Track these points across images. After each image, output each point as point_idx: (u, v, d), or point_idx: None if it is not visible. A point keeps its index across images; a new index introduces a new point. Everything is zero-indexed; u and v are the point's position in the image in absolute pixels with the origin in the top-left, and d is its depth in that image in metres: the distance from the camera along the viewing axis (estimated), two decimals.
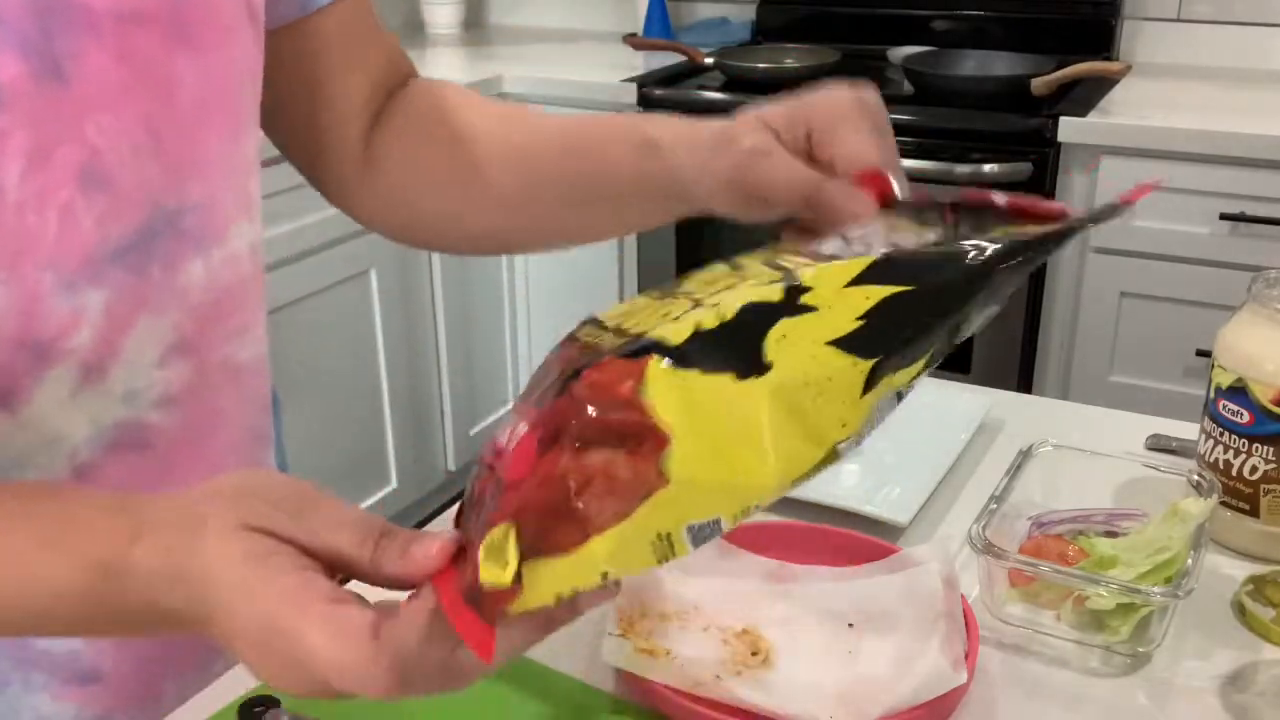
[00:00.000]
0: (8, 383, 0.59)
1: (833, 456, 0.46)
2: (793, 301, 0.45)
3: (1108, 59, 2.48)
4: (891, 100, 2.30)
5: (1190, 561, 0.77)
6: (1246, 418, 0.85)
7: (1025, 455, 0.90)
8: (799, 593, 0.80)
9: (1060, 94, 2.21)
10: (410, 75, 0.83)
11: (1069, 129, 2.06)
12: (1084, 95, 2.21)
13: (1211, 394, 0.88)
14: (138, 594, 0.50)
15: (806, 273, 0.47)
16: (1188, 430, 1.01)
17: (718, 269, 0.53)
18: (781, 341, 0.44)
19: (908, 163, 2.16)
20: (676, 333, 0.44)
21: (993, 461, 1.00)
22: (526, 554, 0.42)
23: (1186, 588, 0.74)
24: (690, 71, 2.53)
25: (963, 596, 0.77)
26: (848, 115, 0.64)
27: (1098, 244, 2.11)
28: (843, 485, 0.97)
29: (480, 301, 2.62)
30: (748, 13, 2.88)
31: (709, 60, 2.54)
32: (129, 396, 0.64)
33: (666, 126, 0.70)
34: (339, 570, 0.48)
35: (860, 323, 0.45)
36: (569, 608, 0.46)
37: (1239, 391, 0.85)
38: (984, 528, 0.80)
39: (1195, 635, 0.79)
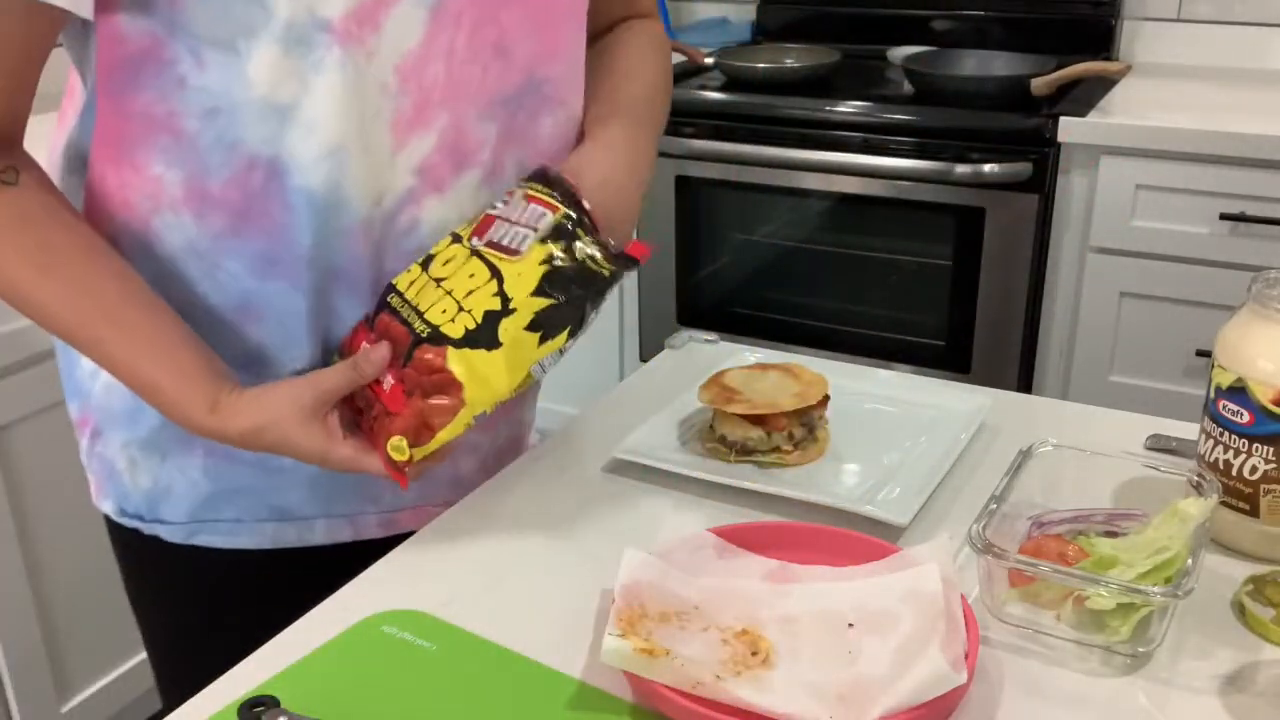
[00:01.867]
0: (441, 175, 0.91)
1: (527, 381, 0.87)
2: (506, 307, 0.85)
3: (1108, 59, 2.48)
4: (891, 100, 2.32)
5: (1190, 561, 0.77)
6: (1246, 418, 0.85)
7: (1025, 455, 0.90)
8: (799, 593, 0.80)
9: (1060, 94, 2.21)
10: (644, 14, 1.13)
11: (1069, 129, 2.06)
12: (1084, 95, 2.21)
13: (1211, 394, 0.88)
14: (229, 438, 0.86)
15: (508, 271, 0.86)
16: (1188, 430, 1.01)
17: (448, 246, 0.90)
18: (505, 330, 0.84)
19: (908, 163, 2.18)
20: (456, 330, 0.85)
21: (993, 461, 1.00)
22: (412, 444, 0.86)
23: (1186, 588, 0.74)
24: (690, 71, 2.53)
25: (963, 596, 0.77)
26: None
27: (1098, 244, 2.11)
28: (843, 485, 0.97)
29: None
30: (748, 13, 2.88)
31: (709, 60, 2.54)
32: None
33: (592, 151, 1.00)
34: (347, 391, 0.87)
35: (535, 315, 0.85)
36: (436, 456, 0.88)
37: (1239, 391, 0.85)
38: (984, 528, 0.80)
39: (1195, 635, 0.79)
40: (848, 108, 2.26)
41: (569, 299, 0.85)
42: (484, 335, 0.84)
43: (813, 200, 2.34)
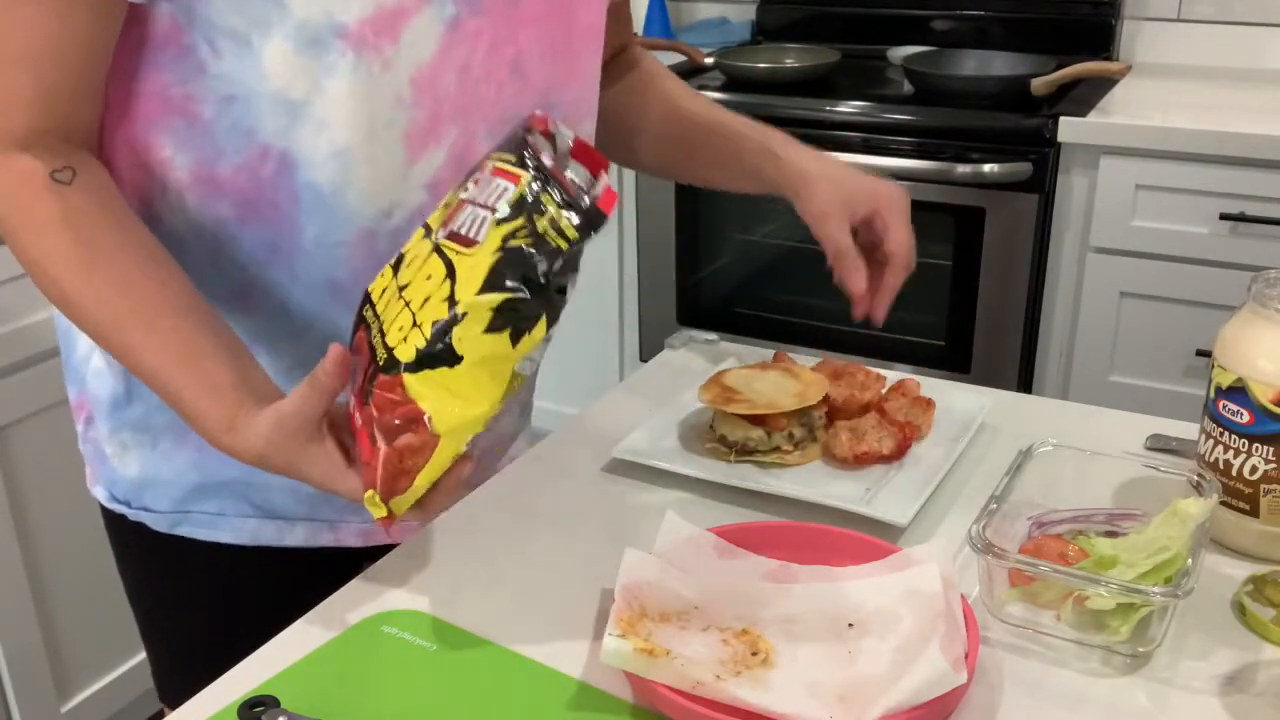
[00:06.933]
0: (448, 190, 0.86)
1: (516, 382, 0.75)
2: (453, 313, 0.73)
3: (1108, 59, 2.48)
4: (891, 100, 2.32)
5: (1190, 561, 0.77)
6: (1246, 418, 0.85)
7: (1025, 455, 0.90)
8: (799, 593, 0.80)
9: (1060, 94, 2.21)
10: (629, 42, 1.18)
11: (1069, 129, 2.06)
12: (1084, 95, 2.21)
13: (1211, 394, 0.88)
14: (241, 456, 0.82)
15: (462, 267, 0.74)
16: (1188, 430, 1.01)
17: (418, 242, 0.80)
18: (461, 341, 0.73)
19: (908, 163, 2.18)
20: (408, 353, 0.74)
21: (993, 461, 1.00)
22: (385, 498, 0.77)
23: (1186, 588, 0.74)
24: (690, 71, 2.53)
25: (963, 596, 0.77)
26: (896, 221, 1.06)
27: (1098, 244, 2.11)
28: (843, 485, 0.97)
29: None
30: (748, 13, 2.88)
31: (709, 60, 2.54)
32: None
33: (781, 144, 1.12)
34: (317, 408, 0.80)
35: (492, 315, 0.72)
36: (437, 494, 0.79)
37: (1239, 391, 0.85)
38: (984, 528, 0.80)
39: (1195, 635, 0.79)
40: (848, 108, 2.26)
41: (531, 285, 0.72)
42: (439, 352, 0.73)
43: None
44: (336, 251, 0.89)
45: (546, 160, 0.76)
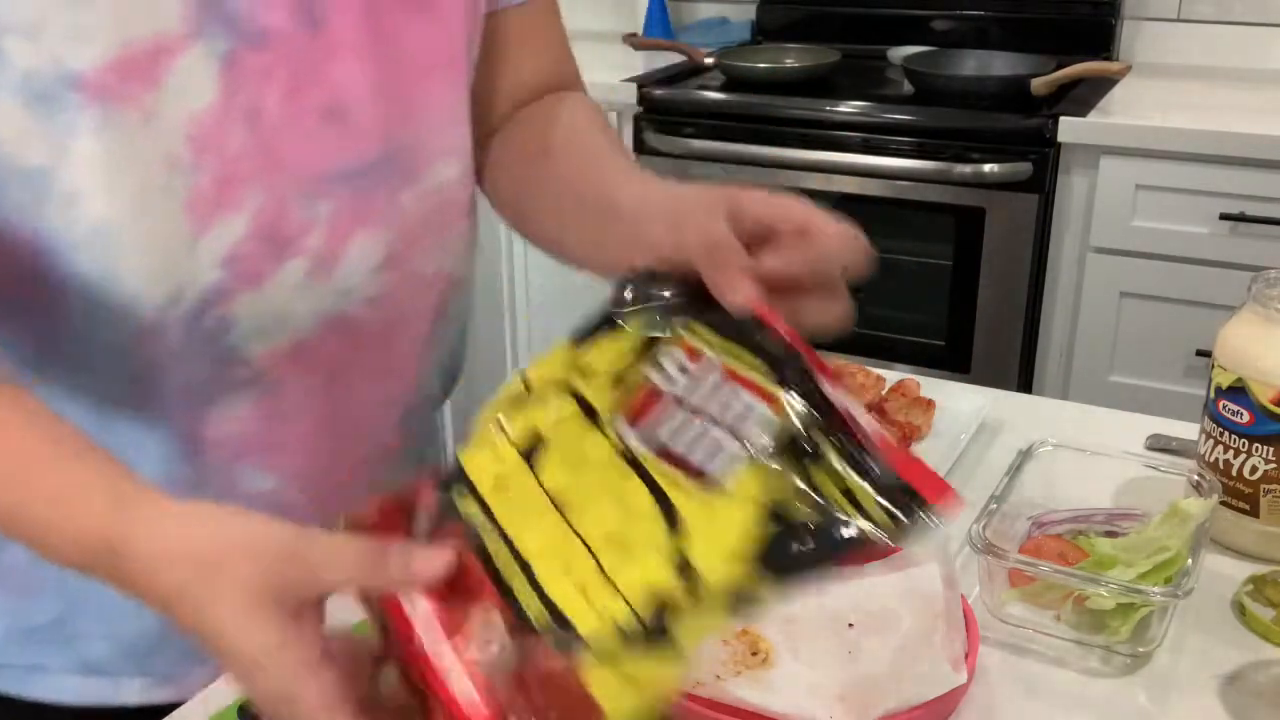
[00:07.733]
0: (256, 267, 0.73)
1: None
2: (690, 588, 0.51)
3: (1108, 59, 2.48)
4: (891, 100, 2.32)
5: (1190, 561, 0.77)
6: (1246, 418, 0.85)
7: (1025, 455, 0.90)
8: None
9: (1060, 94, 2.21)
10: (568, 87, 0.93)
11: (1069, 129, 2.06)
12: (1084, 95, 2.21)
13: (1211, 394, 0.88)
14: (135, 581, 0.57)
15: (695, 518, 0.52)
16: (1188, 430, 1.01)
17: (576, 422, 0.58)
18: (688, 630, 0.51)
19: (908, 163, 2.17)
20: (596, 624, 0.51)
21: (993, 461, 1.00)
22: None
23: (1186, 588, 0.74)
24: (690, 71, 2.53)
25: (963, 596, 0.77)
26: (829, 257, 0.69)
27: (1098, 244, 2.11)
28: None
29: (479, 311, 2.63)
30: (748, 13, 2.88)
31: (709, 60, 2.54)
32: (345, 293, 0.77)
33: (632, 189, 0.74)
34: (345, 589, 0.55)
35: (734, 598, 0.51)
36: None
37: (1239, 391, 0.85)
38: (984, 528, 0.80)
39: (1195, 635, 0.79)
40: (848, 108, 2.26)
41: (803, 571, 0.52)
42: (653, 640, 0.52)
43: (813, 200, 2.34)
44: (120, 355, 0.72)
45: (826, 387, 0.55)
